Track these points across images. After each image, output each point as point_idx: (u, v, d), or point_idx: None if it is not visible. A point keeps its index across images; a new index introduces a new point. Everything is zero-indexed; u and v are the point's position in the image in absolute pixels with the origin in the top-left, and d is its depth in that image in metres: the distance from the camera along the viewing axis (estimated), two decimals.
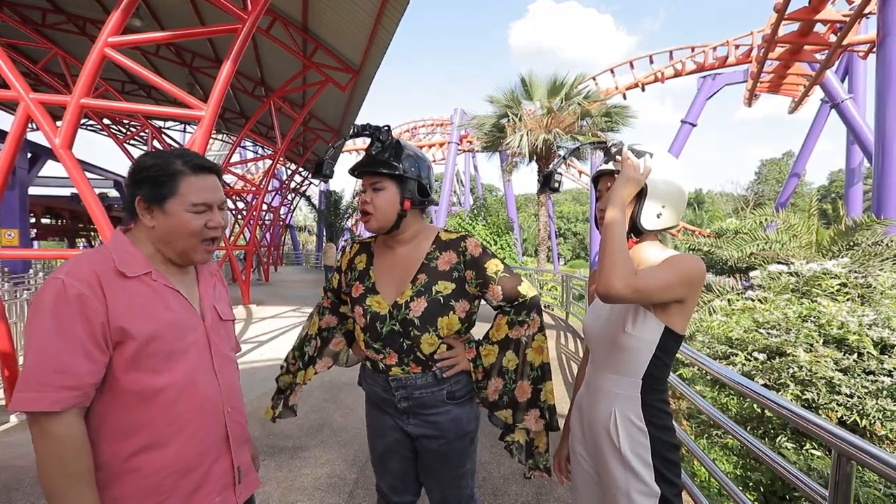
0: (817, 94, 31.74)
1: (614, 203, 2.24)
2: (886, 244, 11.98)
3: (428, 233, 2.91)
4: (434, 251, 2.83)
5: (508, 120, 24.36)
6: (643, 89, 42.39)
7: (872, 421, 5.77)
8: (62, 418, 1.79)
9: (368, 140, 2.84)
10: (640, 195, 2.35)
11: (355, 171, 2.83)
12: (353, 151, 56.85)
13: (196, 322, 2.18)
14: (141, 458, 1.95)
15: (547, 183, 2.70)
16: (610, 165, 2.43)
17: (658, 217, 2.38)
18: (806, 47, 24.84)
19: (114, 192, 39.14)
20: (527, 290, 2.78)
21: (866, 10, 19.08)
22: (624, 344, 2.30)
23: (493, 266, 2.75)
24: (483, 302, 2.90)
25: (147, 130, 27.22)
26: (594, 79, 40.29)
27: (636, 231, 2.41)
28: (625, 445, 2.27)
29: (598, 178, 2.53)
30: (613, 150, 2.46)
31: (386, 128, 2.79)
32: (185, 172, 2.10)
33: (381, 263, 2.96)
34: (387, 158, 2.74)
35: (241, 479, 2.25)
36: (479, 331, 2.83)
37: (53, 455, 1.78)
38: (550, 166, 2.73)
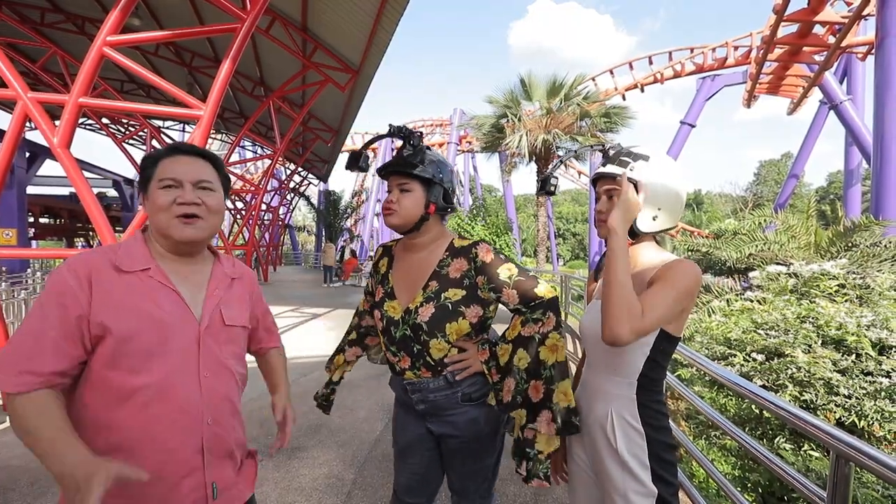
0: (816, 95, 31.79)
1: (615, 233, 2.24)
2: (885, 245, 11.99)
3: (443, 240, 2.93)
4: (447, 258, 2.84)
5: (508, 120, 24.43)
6: (642, 90, 42.50)
7: (871, 422, 5.77)
8: (25, 397, 1.83)
9: (376, 142, 2.90)
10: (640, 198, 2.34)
11: (385, 170, 2.86)
12: (351, 151, 56.99)
13: (188, 323, 2.12)
14: (112, 458, 1.85)
15: (544, 187, 2.73)
16: (608, 168, 2.43)
17: (654, 220, 2.38)
18: (805, 49, 24.85)
19: (112, 192, 39.05)
20: (544, 291, 2.76)
21: (865, 12, 19.12)
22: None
23: (505, 271, 2.75)
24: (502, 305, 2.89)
25: (146, 130, 27.26)
26: (593, 79, 40.36)
27: (632, 233, 2.41)
28: (622, 446, 2.28)
29: (597, 180, 2.52)
30: (611, 152, 2.47)
31: (419, 133, 2.84)
32: (162, 156, 2.18)
33: (399, 268, 3.01)
34: (417, 162, 2.78)
35: (216, 496, 2.16)
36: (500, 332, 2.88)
37: (21, 429, 1.82)
38: (548, 170, 2.74)
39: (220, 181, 2.31)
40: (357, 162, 2.97)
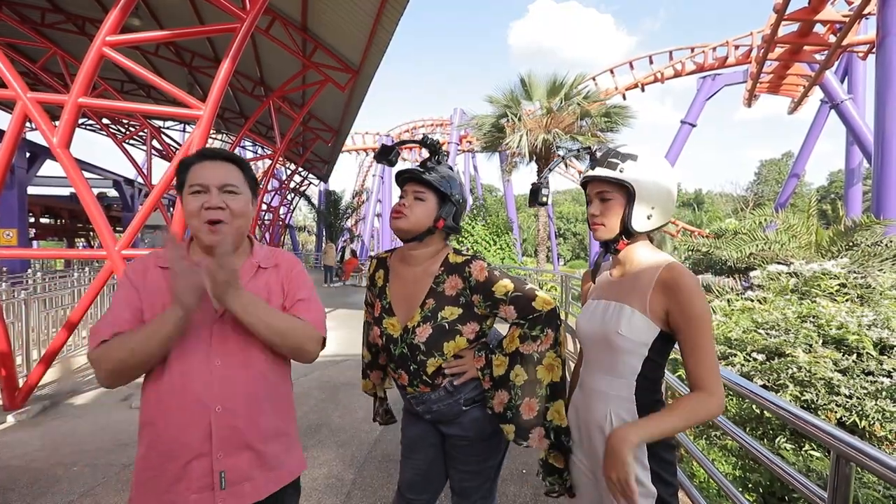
0: (817, 94, 31.82)
1: (638, 442, 2.15)
2: (886, 244, 12.03)
3: (440, 254, 2.94)
4: (442, 274, 2.85)
5: (508, 120, 24.37)
6: (643, 89, 42.57)
7: (872, 422, 5.77)
8: (104, 345, 2.11)
9: (379, 145, 2.94)
10: (630, 198, 2.34)
11: (405, 174, 2.88)
12: (351, 151, 56.97)
13: (206, 314, 2.24)
14: (147, 430, 2.20)
15: (535, 198, 2.70)
16: (597, 171, 2.41)
17: (648, 219, 2.37)
18: (805, 48, 24.89)
19: (113, 192, 38.92)
20: (542, 304, 2.73)
21: (866, 11, 19.14)
22: (617, 345, 2.30)
23: (501, 288, 2.73)
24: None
25: (146, 130, 27.17)
26: (594, 79, 40.45)
27: (627, 233, 2.40)
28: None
29: (587, 183, 2.51)
30: (598, 154, 2.46)
31: (446, 153, 2.93)
32: (191, 162, 2.34)
33: (395, 282, 3.01)
34: (438, 175, 2.82)
35: (224, 486, 2.19)
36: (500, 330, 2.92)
37: (117, 361, 2.09)
38: (539, 179, 2.71)
39: (247, 183, 2.44)
40: (387, 155, 2.96)
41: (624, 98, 41.66)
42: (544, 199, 2.68)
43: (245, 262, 2.45)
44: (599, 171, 2.39)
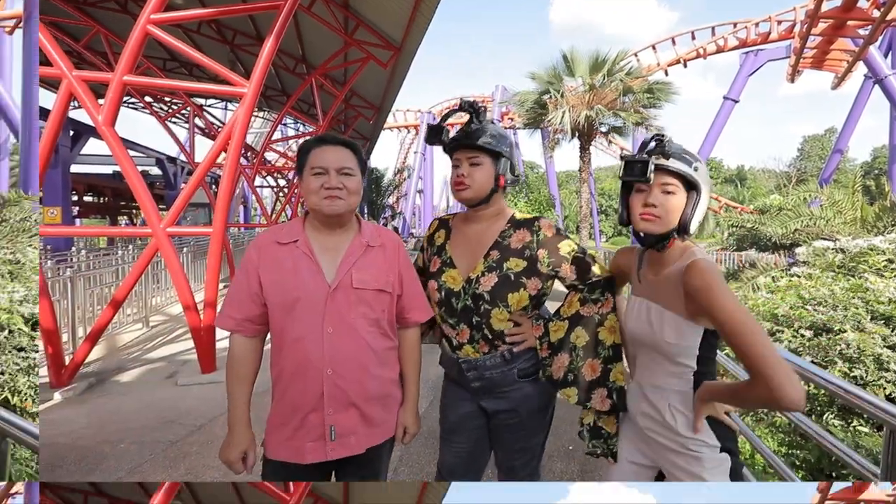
0: (861, 69, 31.35)
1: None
2: None
3: (504, 213, 2.98)
4: (508, 229, 2.88)
5: (550, 96, 24.38)
6: (685, 65, 42.29)
7: None
8: (233, 337, 2.66)
9: (420, 123, 2.95)
10: (694, 198, 2.32)
11: (453, 143, 2.91)
12: (393, 129, 57.29)
13: (319, 286, 2.57)
14: (276, 387, 2.66)
15: (644, 172, 2.32)
16: (670, 162, 2.29)
17: (699, 222, 2.38)
18: (849, 23, 24.48)
19: (156, 170, 39.16)
20: (600, 269, 2.82)
21: None
22: (668, 351, 2.32)
23: (566, 246, 2.80)
24: (556, 282, 2.93)
25: (189, 108, 27.23)
26: (636, 55, 40.22)
27: (684, 231, 2.35)
28: (688, 434, 2.30)
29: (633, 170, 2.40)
30: (668, 146, 2.34)
31: (483, 108, 2.93)
32: (311, 146, 2.65)
33: (457, 238, 3.04)
34: (485, 136, 2.81)
35: (333, 438, 2.56)
36: (550, 309, 3.00)
37: (228, 358, 2.67)
38: (643, 153, 2.46)
39: (359, 165, 2.72)
40: (439, 136, 2.97)
41: (666, 74, 41.32)
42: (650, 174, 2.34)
43: (354, 240, 2.73)
44: (674, 164, 2.31)
